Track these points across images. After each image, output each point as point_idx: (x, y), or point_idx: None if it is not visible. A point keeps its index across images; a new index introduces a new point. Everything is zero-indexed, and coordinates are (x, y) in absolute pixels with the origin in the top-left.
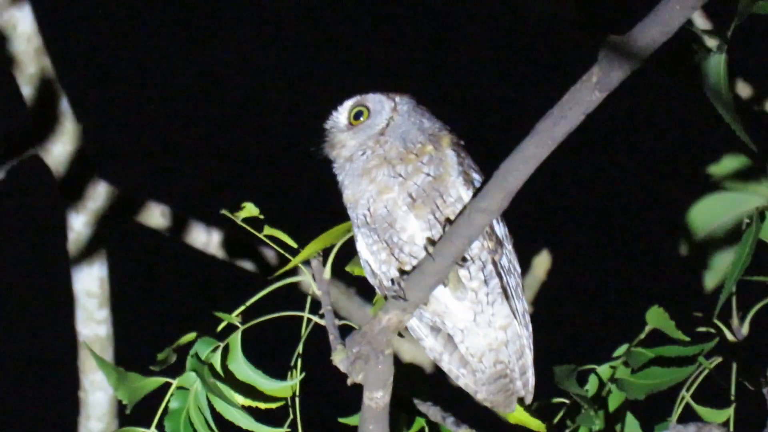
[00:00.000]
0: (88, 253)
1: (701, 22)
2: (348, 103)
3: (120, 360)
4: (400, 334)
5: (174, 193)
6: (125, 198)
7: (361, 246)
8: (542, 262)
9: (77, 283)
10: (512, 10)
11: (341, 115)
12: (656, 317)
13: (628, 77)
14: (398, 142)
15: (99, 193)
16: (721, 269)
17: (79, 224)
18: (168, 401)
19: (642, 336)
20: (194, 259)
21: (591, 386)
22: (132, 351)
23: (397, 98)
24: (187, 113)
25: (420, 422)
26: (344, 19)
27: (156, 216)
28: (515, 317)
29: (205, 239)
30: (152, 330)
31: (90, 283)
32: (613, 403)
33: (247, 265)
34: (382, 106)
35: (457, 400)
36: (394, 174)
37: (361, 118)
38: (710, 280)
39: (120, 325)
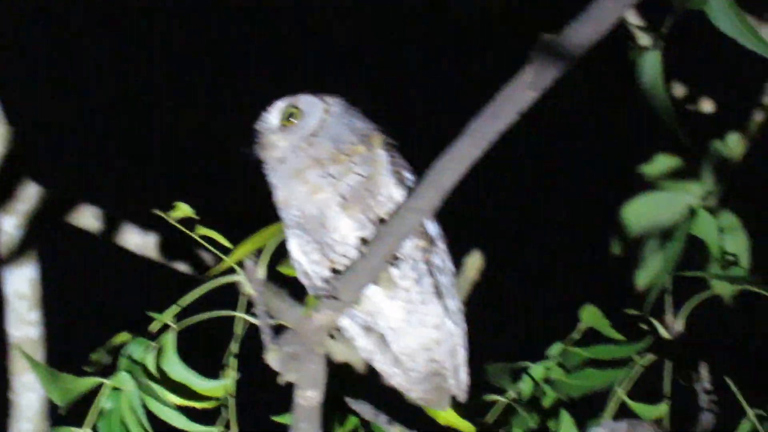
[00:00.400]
0: (18, 254)
1: (635, 20)
2: (280, 105)
3: (52, 362)
4: (332, 335)
5: (107, 194)
6: (56, 200)
7: (292, 246)
8: (474, 262)
9: (8, 285)
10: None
11: (273, 116)
12: (590, 316)
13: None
14: (330, 142)
15: (29, 195)
16: (653, 268)
17: (9, 226)
18: (101, 402)
19: (576, 335)
20: (128, 260)
21: (525, 387)
22: (64, 353)
23: (330, 100)
24: (122, 114)
25: (353, 421)
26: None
27: (88, 218)
28: (448, 316)
29: (140, 241)
30: (85, 332)
31: (21, 284)
32: (548, 401)
33: (182, 267)
34: (314, 107)
35: (390, 399)
36: (326, 174)
37: (293, 120)
38: (642, 279)
39: (52, 327)
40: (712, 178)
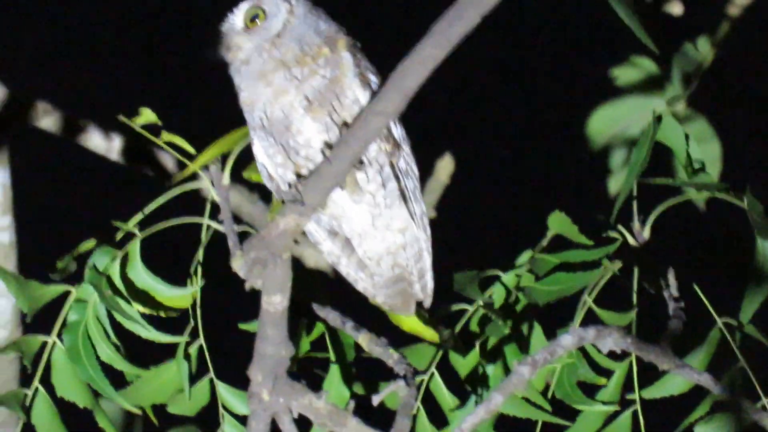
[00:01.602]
0: None
1: None
2: (244, 6)
3: (24, 267)
4: (296, 240)
5: (74, 98)
6: (19, 101)
7: (257, 149)
8: (445, 165)
9: None
10: None
11: (237, 17)
12: (558, 222)
13: None
14: (294, 44)
15: None
16: (623, 173)
17: None
18: (66, 314)
19: (545, 242)
20: (98, 166)
21: (498, 295)
22: (36, 258)
23: (294, 1)
24: (86, 16)
25: (320, 328)
26: None
27: (51, 119)
28: (413, 220)
29: (105, 145)
30: (57, 237)
31: None
32: (519, 308)
33: (148, 172)
34: (278, 8)
35: (358, 306)
36: (291, 77)
37: (257, 21)
38: (614, 184)
39: (24, 233)
40: (680, 82)
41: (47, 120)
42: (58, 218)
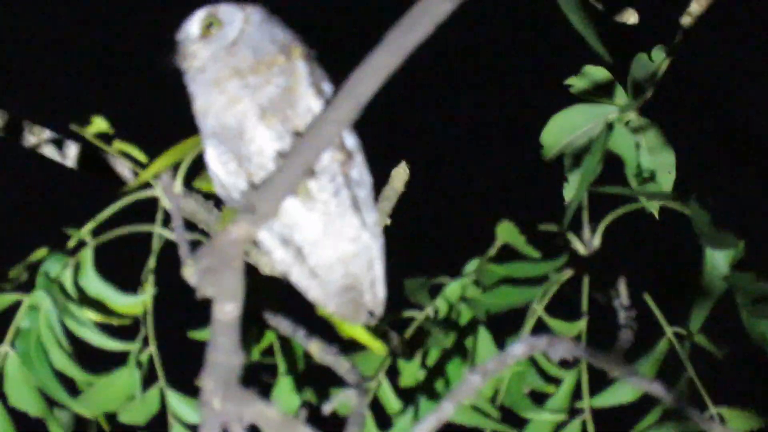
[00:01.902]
0: None
1: None
2: (200, 14)
3: None
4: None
5: (26, 102)
6: None
7: (210, 157)
8: (400, 173)
9: None
10: None
11: (193, 25)
12: (507, 232)
13: None
14: (249, 52)
15: None
16: (578, 181)
17: None
18: (19, 322)
19: (492, 252)
20: (52, 170)
21: (441, 306)
22: None
23: (249, 8)
24: (43, 20)
25: (270, 336)
26: None
27: (2, 123)
28: (365, 229)
29: (59, 151)
30: (10, 242)
31: None
32: (464, 319)
33: (101, 180)
34: (233, 16)
35: (310, 314)
36: (244, 85)
37: (213, 29)
38: (568, 192)
39: None
40: (633, 92)
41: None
42: (12, 224)
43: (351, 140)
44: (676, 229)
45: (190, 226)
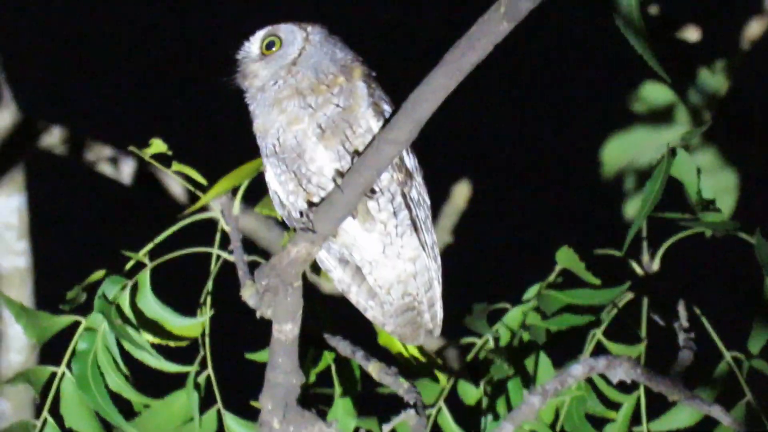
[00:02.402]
0: (4, 184)
1: None
2: (260, 33)
3: (41, 292)
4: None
5: (88, 123)
6: (34, 124)
7: (269, 176)
8: (462, 190)
9: None
10: None
11: (253, 45)
12: (566, 258)
13: (535, 8)
14: (310, 72)
15: (6, 119)
16: (638, 198)
17: None
18: (76, 343)
19: (552, 278)
20: (112, 189)
21: (503, 332)
22: (52, 282)
23: (309, 28)
24: (106, 43)
25: (328, 357)
26: None
27: (65, 143)
28: (424, 250)
29: (117, 171)
30: (72, 261)
31: (8, 214)
32: (524, 344)
33: (158, 200)
34: (294, 36)
35: (369, 333)
36: (305, 105)
37: (273, 48)
38: (630, 208)
39: (40, 257)
40: (696, 112)
41: (61, 144)
42: (73, 242)
43: (411, 160)
44: (736, 252)
45: (249, 247)
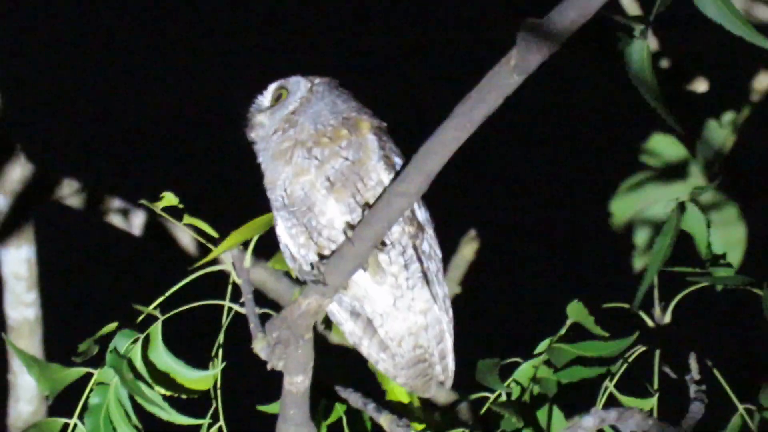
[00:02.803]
0: (14, 235)
1: (629, 4)
2: (272, 86)
3: (49, 343)
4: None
5: (100, 176)
6: (45, 176)
7: (280, 229)
8: (470, 242)
9: (5, 266)
10: None
11: (265, 97)
12: (576, 311)
13: (546, 60)
14: (308, 122)
15: (18, 172)
16: (647, 251)
17: (3, 206)
18: (87, 397)
19: (562, 331)
20: (122, 240)
21: (515, 386)
22: (61, 333)
23: (317, 80)
24: (115, 96)
25: (340, 409)
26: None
27: (76, 195)
28: (435, 302)
29: (128, 222)
30: (82, 312)
31: (18, 265)
32: (536, 397)
33: (169, 251)
34: (298, 86)
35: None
36: (310, 156)
37: (281, 100)
38: (638, 261)
39: (49, 308)
40: (705, 164)
41: (72, 196)
42: (83, 293)
43: (422, 213)
44: (746, 304)
45: (260, 299)
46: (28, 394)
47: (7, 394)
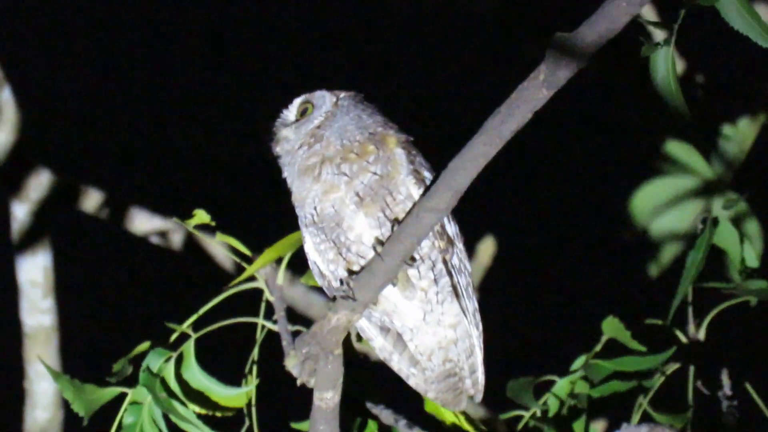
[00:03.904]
0: (31, 242)
1: (651, 15)
2: (297, 101)
3: (64, 350)
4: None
5: (123, 190)
6: (67, 186)
7: (308, 246)
8: (487, 247)
9: (21, 273)
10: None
11: (291, 112)
12: (612, 327)
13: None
14: (334, 137)
15: (41, 182)
16: (665, 256)
17: (22, 213)
18: (122, 417)
19: (598, 348)
20: (141, 247)
21: (551, 404)
22: (77, 340)
23: (342, 94)
24: (142, 108)
25: (372, 426)
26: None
27: (98, 205)
28: (465, 316)
29: (162, 238)
30: (97, 320)
31: (34, 272)
32: (572, 413)
33: (200, 266)
34: (324, 100)
35: (410, 399)
36: (339, 172)
37: (306, 114)
38: (654, 268)
39: (65, 315)
40: (722, 172)
41: (97, 208)
42: (99, 301)
43: (452, 228)
44: None
45: (294, 316)
46: (44, 401)
47: (24, 401)
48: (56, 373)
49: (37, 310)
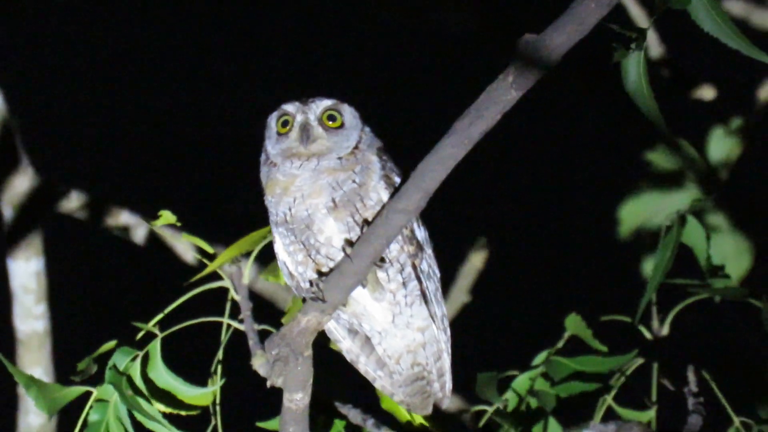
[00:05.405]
0: (23, 248)
1: (637, 13)
2: (325, 101)
3: (58, 354)
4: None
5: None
6: (51, 188)
7: (278, 247)
8: (480, 250)
9: (14, 279)
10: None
11: (312, 109)
12: (574, 324)
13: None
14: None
15: (24, 184)
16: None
17: (8, 216)
18: (87, 415)
19: (560, 344)
20: (132, 255)
21: (511, 398)
22: (71, 345)
23: (365, 126)
24: (121, 105)
25: (339, 425)
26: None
27: (80, 206)
28: (434, 322)
29: (130, 233)
30: (90, 324)
31: (27, 278)
32: (533, 409)
33: (172, 264)
34: (356, 122)
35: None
36: (335, 180)
37: (332, 123)
38: (647, 267)
39: (58, 320)
40: (710, 174)
41: (80, 208)
42: (91, 305)
43: (421, 233)
44: (746, 317)
45: (260, 315)
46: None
47: (17, 406)
48: (18, 372)
49: (31, 315)
